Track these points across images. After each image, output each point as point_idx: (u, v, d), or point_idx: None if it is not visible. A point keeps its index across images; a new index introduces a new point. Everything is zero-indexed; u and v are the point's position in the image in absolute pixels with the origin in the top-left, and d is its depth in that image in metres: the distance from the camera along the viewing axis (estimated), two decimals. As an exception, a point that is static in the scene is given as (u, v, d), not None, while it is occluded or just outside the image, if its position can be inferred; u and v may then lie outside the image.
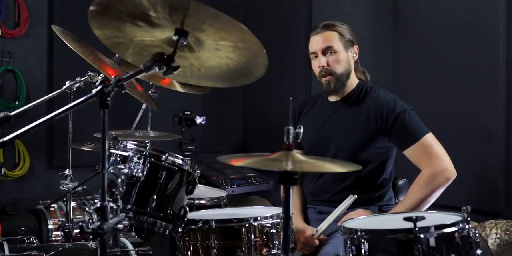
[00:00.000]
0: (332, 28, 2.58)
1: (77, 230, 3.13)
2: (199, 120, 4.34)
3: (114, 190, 1.61)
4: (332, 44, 2.56)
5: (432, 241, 1.76)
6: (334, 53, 2.56)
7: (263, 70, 1.84)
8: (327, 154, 2.55)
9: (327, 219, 2.42)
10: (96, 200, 3.55)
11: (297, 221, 2.57)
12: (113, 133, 3.08)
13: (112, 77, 1.63)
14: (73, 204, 3.29)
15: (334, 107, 2.65)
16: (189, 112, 4.31)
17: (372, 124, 2.53)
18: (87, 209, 3.53)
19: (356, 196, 2.42)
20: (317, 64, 2.60)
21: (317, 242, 2.46)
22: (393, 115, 2.49)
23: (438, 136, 3.63)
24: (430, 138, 2.49)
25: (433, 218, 1.85)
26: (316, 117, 2.69)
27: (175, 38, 1.77)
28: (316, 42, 2.60)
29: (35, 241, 2.35)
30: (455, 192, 3.49)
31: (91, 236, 2.44)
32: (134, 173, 2.14)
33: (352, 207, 2.53)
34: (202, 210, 2.66)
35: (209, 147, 4.92)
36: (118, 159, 2.22)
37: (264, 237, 2.25)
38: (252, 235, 2.24)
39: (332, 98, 2.67)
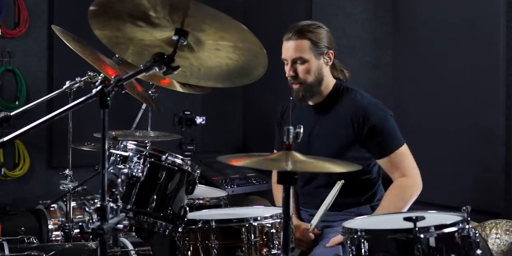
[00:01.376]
0: (304, 36, 2.49)
1: (77, 230, 3.13)
2: (199, 120, 4.34)
3: (114, 190, 1.61)
4: (302, 54, 2.48)
5: (432, 241, 1.76)
6: (304, 62, 2.50)
7: (263, 70, 1.84)
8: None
9: (319, 211, 2.40)
10: (96, 200, 3.55)
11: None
12: (113, 133, 3.08)
13: (112, 77, 1.63)
14: (73, 204, 3.29)
15: (313, 112, 2.61)
16: (189, 112, 4.31)
17: (349, 130, 2.48)
18: (87, 209, 3.53)
19: (343, 181, 2.36)
20: (287, 72, 2.55)
21: (312, 236, 2.45)
22: (369, 124, 2.45)
23: (438, 136, 3.64)
24: (404, 150, 2.47)
25: (433, 218, 1.85)
26: (298, 120, 2.64)
27: (175, 38, 1.77)
28: (286, 50, 2.53)
29: (35, 241, 2.35)
30: (455, 192, 3.51)
31: (91, 236, 2.45)
32: (134, 173, 2.14)
33: (344, 208, 2.53)
34: (202, 210, 2.66)
35: (209, 147, 4.92)
36: (118, 159, 2.22)
37: (264, 237, 2.25)
38: (252, 235, 2.24)
39: (310, 102, 2.61)
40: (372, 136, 2.45)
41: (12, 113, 2.13)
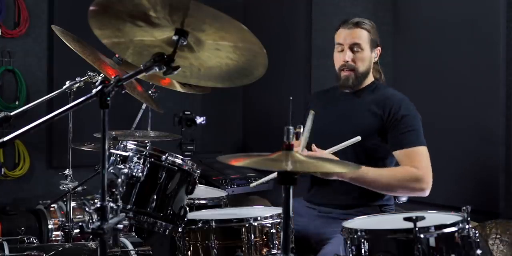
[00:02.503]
0: (363, 26, 2.60)
1: (77, 230, 3.13)
2: (199, 120, 4.34)
3: (114, 190, 1.61)
4: (361, 41, 2.59)
5: (432, 241, 1.76)
6: (360, 50, 2.59)
7: (263, 70, 1.84)
8: (331, 142, 2.47)
9: (329, 150, 2.40)
10: (96, 200, 3.55)
11: None
12: (113, 133, 3.08)
13: (112, 77, 1.63)
14: (73, 204, 3.29)
15: (347, 98, 2.68)
16: (189, 112, 4.31)
17: (378, 117, 2.54)
18: (87, 209, 3.53)
19: (360, 138, 2.36)
20: (342, 58, 2.61)
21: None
22: (402, 113, 2.52)
23: (438, 136, 3.64)
24: (424, 150, 2.50)
25: (433, 218, 1.85)
26: (328, 106, 2.71)
27: (175, 38, 1.77)
28: (345, 36, 2.61)
29: (35, 241, 2.35)
30: (455, 192, 3.50)
31: (91, 236, 2.44)
32: (134, 173, 2.14)
33: (353, 207, 2.53)
34: (202, 210, 2.66)
35: (209, 147, 4.92)
36: (118, 159, 2.22)
37: (264, 237, 2.25)
38: (252, 235, 2.24)
39: (346, 90, 2.68)
40: (400, 126, 2.50)
41: (12, 113, 2.13)
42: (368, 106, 2.59)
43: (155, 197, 2.18)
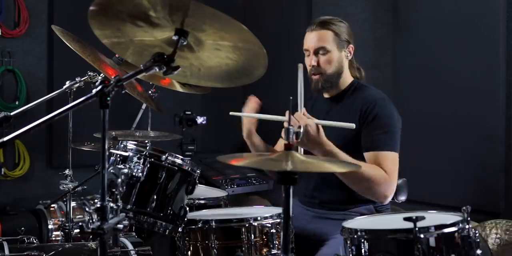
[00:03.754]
0: (328, 27, 2.55)
1: (77, 230, 3.13)
2: (200, 120, 4.34)
3: (114, 190, 1.61)
4: (325, 44, 2.53)
5: (432, 241, 1.76)
6: (326, 53, 2.54)
7: (263, 70, 1.84)
8: None
9: (323, 122, 2.34)
10: (96, 200, 3.55)
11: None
12: (113, 133, 3.08)
13: (112, 77, 1.63)
14: (73, 204, 3.29)
15: (326, 104, 2.65)
16: (190, 112, 4.31)
17: (355, 120, 2.46)
18: (87, 209, 3.53)
19: (354, 125, 2.25)
20: (308, 62, 2.59)
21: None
22: (375, 113, 2.44)
23: (438, 136, 3.64)
24: (394, 157, 2.41)
25: (433, 218, 1.85)
26: (310, 113, 2.67)
27: (175, 38, 1.77)
28: (310, 40, 2.57)
29: (35, 241, 2.35)
30: (455, 192, 3.51)
31: (91, 236, 2.44)
32: (134, 173, 2.14)
33: (347, 207, 2.52)
34: (202, 210, 2.66)
35: (209, 147, 4.92)
36: (118, 159, 2.22)
37: (264, 237, 2.25)
38: (252, 235, 2.24)
39: (326, 95, 2.66)
40: (373, 126, 2.44)
41: (12, 113, 2.12)
42: (346, 111, 2.54)
43: (155, 197, 2.17)
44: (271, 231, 2.23)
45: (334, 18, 2.60)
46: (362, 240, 1.84)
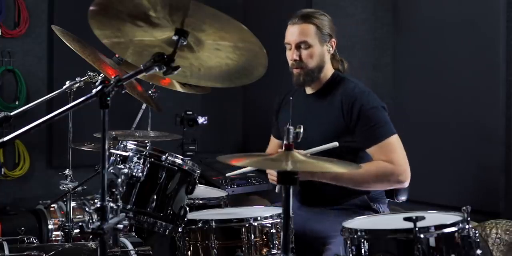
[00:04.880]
0: (310, 21, 2.54)
1: (77, 230, 3.12)
2: (201, 120, 4.34)
3: (114, 190, 1.61)
4: (307, 38, 2.52)
5: (432, 241, 1.76)
6: (308, 47, 2.53)
7: (263, 70, 1.84)
8: (300, 148, 2.48)
9: (305, 151, 2.33)
10: (96, 200, 3.55)
11: None
12: (113, 133, 3.08)
13: (112, 77, 1.63)
14: (73, 204, 3.29)
15: (309, 100, 2.64)
16: (191, 112, 4.31)
17: (339, 118, 2.49)
18: (87, 209, 3.53)
19: (337, 144, 2.32)
20: (290, 56, 2.58)
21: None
22: (358, 109, 2.45)
23: (438, 136, 3.64)
24: (394, 141, 2.43)
25: (433, 218, 1.85)
26: (293, 109, 2.65)
27: (175, 38, 1.77)
28: (291, 34, 2.57)
29: (35, 241, 2.35)
30: (455, 192, 3.51)
31: (91, 236, 2.44)
32: (134, 173, 2.14)
33: (342, 202, 2.53)
34: (202, 210, 2.66)
35: (209, 147, 4.92)
36: (118, 159, 2.22)
37: (264, 237, 2.25)
38: (252, 235, 2.24)
39: (308, 90, 2.65)
40: (361, 123, 2.44)
41: (12, 113, 2.12)
42: (330, 107, 2.54)
43: (155, 197, 2.17)
44: (271, 231, 2.23)
45: (317, 11, 2.60)
46: (362, 240, 1.84)
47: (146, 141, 3.27)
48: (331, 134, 2.47)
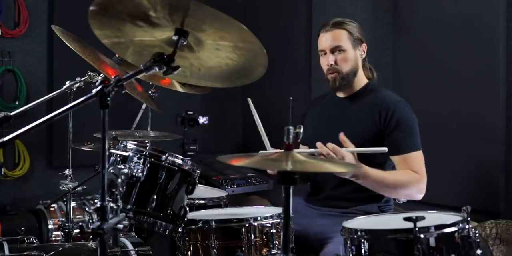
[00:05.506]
0: (342, 26, 2.60)
1: (77, 230, 3.13)
2: (202, 120, 4.34)
3: (114, 190, 1.61)
4: (340, 43, 2.58)
5: (432, 241, 1.76)
6: (342, 51, 2.59)
7: (263, 70, 1.84)
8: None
9: (350, 149, 2.33)
10: (96, 200, 3.55)
11: None
12: (113, 133, 3.08)
13: (112, 77, 1.63)
14: (73, 204, 3.29)
15: (341, 103, 2.68)
16: (191, 112, 4.31)
17: (374, 123, 2.53)
18: (87, 209, 3.53)
19: (386, 149, 2.29)
20: (325, 62, 2.63)
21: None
22: (397, 118, 2.50)
23: (438, 136, 3.64)
24: (420, 155, 2.51)
25: (433, 218, 1.86)
26: (322, 113, 2.70)
27: (175, 38, 1.77)
28: (325, 40, 2.62)
29: (35, 241, 2.35)
30: (455, 192, 3.50)
31: (91, 236, 2.44)
32: (134, 173, 2.14)
33: (352, 205, 2.53)
34: (202, 210, 2.66)
35: (209, 147, 4.92)
36: (118, 159, 2.22)
37: (264, 237, 2.25)
38: (252, 235, 2.24)
39: (340, 94, 2.69)
40: (396, 130, 2.49)
41: (12, 113, 2.13)
42: (363, 111, 2.58)
43: (155, 197, 2.18)
44: (271, 231, 2.24)
45: (345, 19, 2.66)
46: (362, 240, 1.84)
47: (146, 141, 3.27)
48: (362, 138, 2.49)
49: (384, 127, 2.52)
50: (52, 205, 3.53)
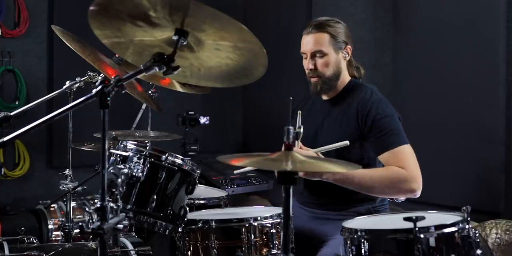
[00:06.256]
0: (324, 30, 2.54)
1: (77, 230, 3.13)
2: (203, 120, 4.34)
3: (114, 190, 1.61)
4: (321, 48, 2.53)
5: (432, 241, 1.76)
6: (323, 56, 2.54)
7: (263, 70, 1.84)
8: None
9: (315, 149, 2.37)
10: (96, 200, 3.55)
11: None
12: (113, 133, 3.08)
13: (112, 77, 1.63)
14: (73, 204, 3.29)
15: (325, 106, 2.65)
16: (193, 112, 4.32)
17: (354, 124, 2.50)
18: (87, 209, 3.53)
19: (348, 142, 2.32)
20: (306, 65, 2.59)
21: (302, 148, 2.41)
22: (374, 117, 2.45)
23: (438, 136, 3.64)
24: (407, 149, 2.42)
25: (433, 218, 1.86)
26: (307, 115, 2.68)
27: (175, 38, 1.77)
28: (306, 43, 2.57)
29: (35, 241, 2.35)
30: (455, 192, 3.51)
31: (91, 236, 2.44)
32: (134, 173, 2.14)
33: (345, 208, 2.52)
34: (202, 210, 2.66)
35: (209, 147, 4.92)
36: (118, 159, 2.22)
37: (264, 237, 2.25)
38: (252, 235, 2.24)
39: (324, 97, 2.66)
40: (375, 130, 2.44)
41: (12, 113, 2.13)
42: (344, 113, 2.55)
43: (155, 197, 2.18)
44: (271, 231, 2.24)
45: (331, 19, 2.59)
46: (362, 240, 1.84)
47: (146, 141, 3.26)
48: (344, 138, 2.45)
49: (362, 128, 2.48)
50: (52, 205, 3.53)
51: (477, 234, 1.81)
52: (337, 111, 2.59)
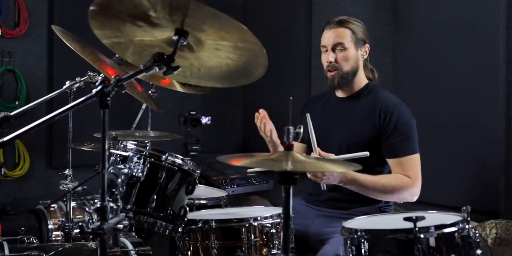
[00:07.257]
0: (346, 25, 2.59)
1: (77, 230, 3.12)
2: (205, 120, 4.34)
3: (114, 190, 1.61)
4: (343, 41, 2.57)
5: (432, 241, 1.76)
6: (343, 50, 2.58)
7: (263, 70, 1.84)
8: (328, 148, 2.49)
9: (335, 157, 2.39)
10: (96, 200, 3.55)
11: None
12: (113, 133, 3.08)
13: (112, 77, 1.63)
14: (73, 204, 3.29)
15: (340, 103, 2.68)
16: (194, 112, 4.31)
17: (373, 125, 2.53)
18: (87, 209, 3.53)
19: (368, 153, 2.35)
20: (326, 58, 2.62)
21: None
22: (396, 120, 2.50)
23: (438, 136, 3.64)
24: (416, 158, 2.52)
25: (433, 218, 1.86)
26: (321, 112, 2.70)
27: (175, 38, 1.77)
28: (328, 37, 2.61)
29: (35, 241, 2.35)
30: (455, 192, 3.51)
31: (91, 236, 2.44)
32: (134, 173, 2.14)
33: (352, 207, 2.54)
34: (202, 210, 2.66)
35: (209, 147, 4.92)
36: (118, 159, 2.22)
37: (264, 237, 2.25)
38: (252, 235, 2.24)
39: (340, 94, 2.69)
40: (394, 133, 2.49)
41: (12, 113, 2.12)
42: (362, 112, 2.58)
43: (155, 197, 2.18)
44: (271, 231, 2.24)
45: (351, 18, 2.65)
46: (362, 240, 1.84)
47: (146, 141, 3.26)
48: (359, 139, 2.53)
49: (382, 129, 2.51)
50: (52, 205, 3.53)
51: (477, 234, 1.81)
52: (354, 108, 2.62)
